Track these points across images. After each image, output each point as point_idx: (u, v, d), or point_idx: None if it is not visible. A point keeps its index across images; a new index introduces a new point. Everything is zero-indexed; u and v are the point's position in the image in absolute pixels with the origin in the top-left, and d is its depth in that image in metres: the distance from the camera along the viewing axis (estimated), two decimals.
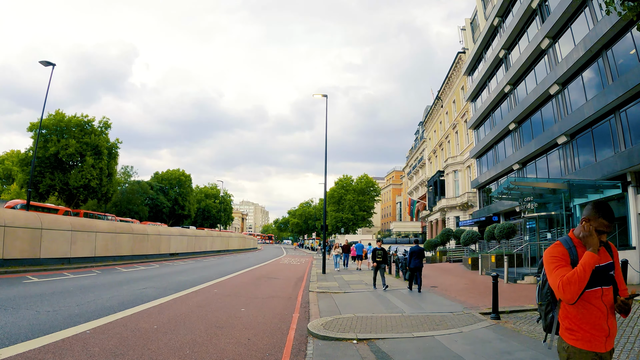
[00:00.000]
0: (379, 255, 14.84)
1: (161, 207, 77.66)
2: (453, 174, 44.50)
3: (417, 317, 8.98)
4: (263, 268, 24.22)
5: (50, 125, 50.94)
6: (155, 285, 13.17)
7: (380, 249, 15.18)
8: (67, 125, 51.73)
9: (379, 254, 14.89)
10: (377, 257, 14.76)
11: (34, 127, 50.64)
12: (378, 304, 10.92)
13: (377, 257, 14.78)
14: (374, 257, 14.86)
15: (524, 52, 26.84)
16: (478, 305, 10.71)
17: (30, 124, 51.12)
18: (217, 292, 12.53)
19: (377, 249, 15.14)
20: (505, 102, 31.44)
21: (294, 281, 17.35)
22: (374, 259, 14.85)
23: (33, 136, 50.60)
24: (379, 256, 14.82)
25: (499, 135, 31.82)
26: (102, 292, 11.24)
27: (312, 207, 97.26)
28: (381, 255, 14.91)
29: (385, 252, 15.43)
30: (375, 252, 15.02)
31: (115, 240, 21.12)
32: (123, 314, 8.44)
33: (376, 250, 15.11)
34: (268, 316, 9.07)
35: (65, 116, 52.23)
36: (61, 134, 51.51)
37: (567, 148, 22.91)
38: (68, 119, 52.09)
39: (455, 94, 46.42)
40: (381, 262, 14.74)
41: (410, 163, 76.82)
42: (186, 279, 15.55)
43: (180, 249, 29.61)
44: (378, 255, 14.85)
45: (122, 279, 14.60)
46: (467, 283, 16.18)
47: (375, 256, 14.84)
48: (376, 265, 14.73)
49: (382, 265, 14.73)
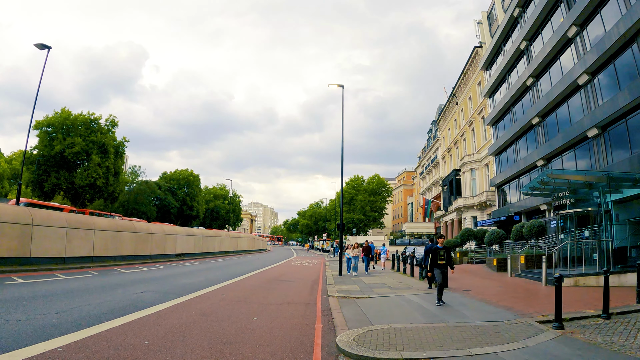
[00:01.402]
0: (442, 257, 10.58)
1: (169, 208, 76.62)
2: (470, 173, 42.76)
3: (465, 327, 7.40)
4: (274, 270, 22.74)
5: (56, 124, 50.11)
6: (156, 289, 11.70)
7: (443, 248, 10.73)
8: (74, 123, 50.86)
9: (441, 255, 10.58)
10: (440, 259, 10.53)
11: (39, 124, 49.78)
12: (412, 311, 9.34)
13: (440, 259, 10.53)
14: (435, 260, 10.52)
15: (548, 42, 25.23)
16: (529, 312, 9.13)
17: (36, 122, 50.21)
18: (224, 297, 11.03)
19: (438, 248, 10.66)
20: (527, 96, 29.78)
21: (309, 284, 15.81)
22: (433, 263, 10.56)
23: (38, 134, 49.78)
24: (442, 258, 10.58)
25: (520, 130, 30.19)
26: (92, 296, 9.78)
27: (322, 208, 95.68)
28: (444, 257, 10.64)
29: (449, 252, 10.95)
30: (435, 252, 10.59)
31: (116, 239, 19.71)
32: (110, 325, 6.95)
33: (437, 249, 10.62)
34: (286, 328, 7.54)
35: (71, 114, 51.37)
36: (67, 132, 50.63)
37: (598, 141, 21.30)
38: (74, 117, 51.23)
39: (472, 90, 44.73)
40: (445, 266, 10.70)
41: (423, 163, 75.00)
42: (191, 282, 14.08)
43: (187, 250, 28.18)
44: (440, 256, 10.56)
45: (119, 281, 13.15)
46: (501, 286, 14.54)
47: (437, 259, 10.54)
48: (440, 269, 10.57)
49: (445, 269, 10.71)
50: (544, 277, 14.89)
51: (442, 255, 10.61)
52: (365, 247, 22.62)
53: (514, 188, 32.59)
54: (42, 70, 18.63)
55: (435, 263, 10.57)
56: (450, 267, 10.86)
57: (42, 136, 49.62)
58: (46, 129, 49.86)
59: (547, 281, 14.78)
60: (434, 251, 10.61)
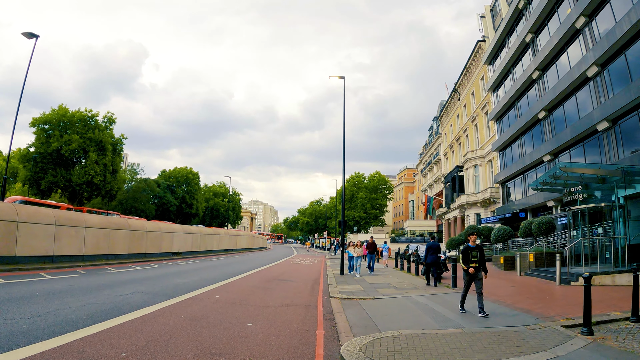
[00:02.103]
0: (474, 259, 8.65)
1: (168, 206, 75.86)
2: (473, 169, 41.92)
3: (484, 334, 6.61)
4: (273, 269, 21.96)
5: (53, 121, 49.42)
6: (145, 290, 10.92)
7: (475, 248, 8.78)
8: (71, 120, 50.20)
9: (473, 256, 8.66)
10: (472, 261, 8.61)
11: (36, 122, 49.12)
12: (422, 314, 8.54)
13: (472, 260, 8.63)
14: (467, 260, 8.67)
15: (555, 33, 24.43)
16: (550, 315, 8.36)
17: (33, 119, 49.63)
18: (218, 298, 10.25)
19: (470, 248, 8.76)
20: (533, 90, 29.00)
21: (309, 284, 15.02)
22: (466, 264, 8.68)
23: (35, 132, 49.12)
24: (474, 260, 8.64)
25: (525, 125, 29.43)
26: (74, 298, 9.01)
27: (322, 205, 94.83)
28: (477, 258, 8.68)
29: (483, 253, 8.88)
30: (467, 252, 8.71)
31: (109, 237, 18.95)
32: (86, 332, 6.19)
33: (469, 249, 8.74)
34: (284, 335, 6.75)
35: (68, 111, 50.72)
36: (64, 129, 49.95)
37: (609, 135, 20.56)
38: (71, 114, 50.58)
39: (475, 85, 43.90)
40: (478, 270, 8.66)
41: (424, 160, 74.17)
42: (185, 282, 13.31)
43: (184, 248, 27.42)
44: (473, 258, 8.64)
45: (108, 281, 12.38)
46: (513, 286, 13.74)
47: (469, 259, 8.64)
48: (473, 273, 8.60)
49: (478, 274, 8.67)
50: (557, 276, 14.11)
51: (474, 257, 8.65)
52: (370, 243, 20.64)
53: (519, 184, 31.83)
54: (30, 59, 17.87)
55: (467, 266, 8.67)
56: (483, 270, 8.75)
57: (39, 133, 49.01)
58: (43, 126, 49.22)
59: (561, 280, 14.00)
60: (466, 251, 8.74)
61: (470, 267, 8.61)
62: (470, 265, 8.61)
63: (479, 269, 8.70)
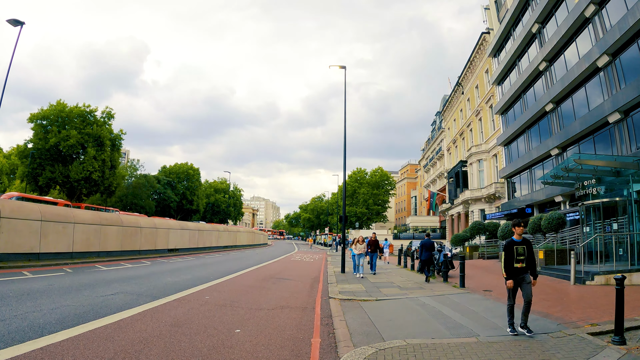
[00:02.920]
0: (521, 257, 6.60)
1: (169, 202, 75.22)
2: (477, 164, 41.06)
3: (502, 344, 5.79)
4: (272, 266, 21.18)
5: (51, 116, 48.73)
6: (130, 290, 10.14)
7: (522, 242, 6.68)
8: (69, 115, 49.53)
9: (519, 253, 6.61)
10: (518, 261, 6.58)
11: (34, 117, 48.49)
12: (430, 318, 7.72)
13: (518, 260, 6.58)
14: (511, 259, 6.60)
15: (563, 23, 23.54)
16: (572, 320, 7.54)
17: (31, 114, 49.02)
18: (208, 299, 9.45)
19: (515, 242, 6.69)
20: (540, 81, 28.11)
21: (308, 283, 14.20)
22: (509, 265, 6.61)
23: (33, 127, 48.51)
24: (521, 259, 6.59)
25: (532, 118, 28.57)
26: (49, 299, 8.23)
27: (324, 201, 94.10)
28: (525, 256, 6.63)
29: (531, 247, 6.77)
30: (512, 249, 6.63)
31: (100, 234, 18.17)
32: (48, 341, 5.41)
33: (513, 244, 6.67)
34: (274, 344, 5.94)
35: (66, 106, 49.98)
36: (62, 124, 49.26)
37: (620, 127, 19.71)
38: (69, 109, 49.86)
39: (479, 78, 43.01)
40: (525, 271, 6.66)
41: (427, 155, 73.28)
42: (175, 281, 12.53)
43: (181, 245, 26.65)
44: (519, 256, 6.60)
45: (92, 280, 11.59)
46: None
47: (514, 258, 6.59)
48: (519, 277, 6.66)
49: (526, 277, 6.68)
50: (572, 275, 13.27)
51: (521, 255, 6.56)
52: (372, 240, 18.53)
53: (525, 179, 30.98)
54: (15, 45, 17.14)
55: (511, 267, 6.58)
56: (532, 274, 6.69)
57: (37, 129, 48.42)
58: (41, 121, 48.58)
59: (576, 279, 13.17)
60: (510, 247, 6.64)
61: (515, 269, 6.58)
62: (515, 267, 6.56)
63: (526, 270, 6.63)
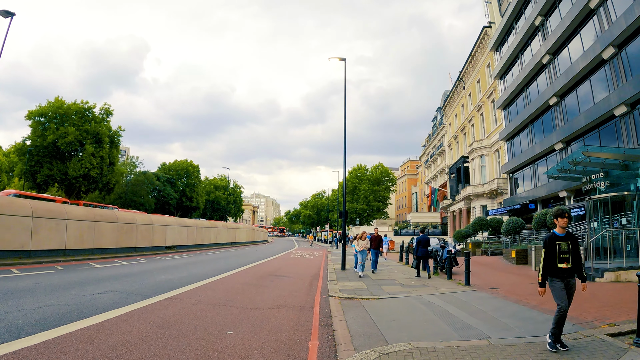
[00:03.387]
0: (565, 256, 5.35)
1: (168, 199, 74.68)
2: (479, 159, 40.54)
3: (516, 347, 5.32)
4: (271, 263, 20.72)
5: (49, 113, 48.26)
6: (121, 289, 9.68)
7: (566, 237, 5.41)
8: (67, 112, 49.04)
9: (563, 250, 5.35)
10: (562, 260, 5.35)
11: (32, 114, 48.06)
12: (436, 318, 7.24)
13: (561, 259, 5.34)
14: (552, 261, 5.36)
15: (567, 15, 23.04)
16: (587, 319, 7.06)
17: (29, 111, 48.59)
18: (201, 298, 9.00)
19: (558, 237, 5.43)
20: (543, 75, 27.60)
21: (307, 280, 13.72)
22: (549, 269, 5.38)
23: (31, 124, 48.08)
24: (565, 257, 5.34)
25: (535, 112, 28.11)
26: (33, 299, 7.78)
27: (324, 198, 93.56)
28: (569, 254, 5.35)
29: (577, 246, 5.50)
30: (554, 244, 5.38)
31: (94, 230, 17.72)
32: (24, 343, 4.99)
33: (556, 239, 5.41)
34: (268, 347, 5.48)
35: (64, 103, 49.52)
36: (60, 121, 48.79)
37: (627, 120, 19.26)
38: (67, 106, 49.40)
39: (480, 72, 42.46)
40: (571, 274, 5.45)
41: (428, 151, 72.73)
42: (169, 278, 12.07)
43: (179, 242, 26.20)
44: (563, 254, 5.35)
45: (82, 278, 11.13)
46: (533, 283, 12.41)
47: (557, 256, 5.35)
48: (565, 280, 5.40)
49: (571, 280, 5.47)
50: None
51: (565, 253, 5.30)
52: (375, 236, 16.99)
53: (529, 174, 30.51)
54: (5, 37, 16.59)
55: (554, 268, 5.32)
56: (580, 276, 5.50)
57: (34, 126, 47.97)
58: (39, 118, 48.14)
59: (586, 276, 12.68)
60: (551, 243, 5.36)
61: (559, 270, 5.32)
62: (559, 267, 5.28)
63: (573, 272, 5.38)
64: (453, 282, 12.34)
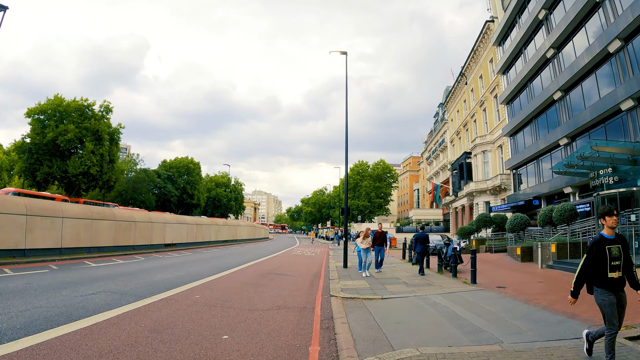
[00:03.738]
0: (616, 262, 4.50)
1: (169, 196, 74.39)
2: (482, 155, 40.10)
3: (531, 352, 4.95)
4: (271, 261, 20.37)
5: (48, 110, 47.98)
6: (114, 289, 9.33)
7: (615, 240, 4.56)
8: (66, 109, 48.80)
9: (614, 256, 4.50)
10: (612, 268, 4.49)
11: (31, 112, 47.80)
12: (444, 321, 6.86)
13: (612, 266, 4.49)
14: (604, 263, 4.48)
15: (572, 8, 22.58)
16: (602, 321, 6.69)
17: (28, 109, 48.36)
18: (198, 299, 8.65)
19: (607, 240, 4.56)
20: (547, 70, 27.12)
21: (309, 279, 13.37)
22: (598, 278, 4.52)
23: (30, 122, 47.87)
24: (616, 264, 4.49)
25: (539, 107, 27.67)
26: (21, 300, 7.44)
27: (326, 195, 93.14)
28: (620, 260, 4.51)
29: (627, 248, 4.63)
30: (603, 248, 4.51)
31: (91, 228, 17.38)
32: (4, 351, 4.65)
33: (605, 242, 4.54)
34: (266, 353, 5.09)
35: (64, 101, 49.24)
36: (60, 119, 48.58)
37: (634, 115, 18.76)
38: (67, 103, 49.15)
39: (483, 67, 41.97)
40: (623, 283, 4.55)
41: (430, 147, 72.25)
42: (166, 278, 11.73)
43: (179, 239, 25.87)
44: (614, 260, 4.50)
45: (76, 278, 10.79)
46: (541, 281, 12.03)
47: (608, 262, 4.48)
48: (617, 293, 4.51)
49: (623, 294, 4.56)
50: None
51: (616, 259, 4.49)
52: (379, 233, 15.63)
53: (532, 170, 30.08)
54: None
55: (604, 278, 4.48)
56: (633, 285, 4.55)
57: (34, 124, 47.82)
58: (39, 116, 47.92)
59: None
60: (600, 248, 4.52)
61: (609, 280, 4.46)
62: (610, 277, 4.44)
63: (624, 282, 4.53)
64: (459, 281, 11.96)
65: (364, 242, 14.46)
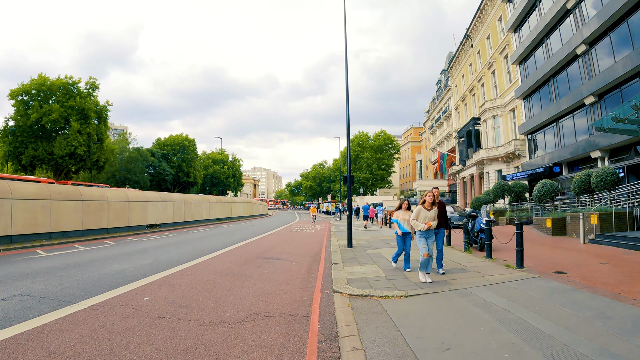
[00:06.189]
0: None
1: (164, 175, 71.87)
2: (492, 120, 37.26)
3: None
4: (264, 240, 17.82)
5: (32, 91, 45.28)
6: (38, 290, 6.77)
7: None
8: (50, 89, 46.19)
9: None
10: None
11: (14, 93, 45.14)
12: (513, 338, 4.20)
13: None
14: None
15: None
16: None
17: (11, 90, 45.71)
18: (145, 303, 6.08)
19: None
20: (568, 21, 24.21)
21: (306, 264, 10.74)
22: None
23: (14, 104, 45.35)
24: None
25: (559, 64, 24.90)
26: None
27: (326, 168, 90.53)
28: None
29: None
30: None
31: (51, 211, 14.80)
32: None
33: None
34: None
35: (48, 79, 46.44)
36: (45, 99, 45.93)
37: None
38: (51, 82, 46.51)
39: (490, 27, 38.75)
40: None
41: (433, 116, 69.09)
42: (123, 269, 9.18)
43: (163, 219, 23.31)
44: None
45: (2, 274, 8.27)
46: (604, 262, 9.34)
47: None
48: None
49: None
50: None
51: None
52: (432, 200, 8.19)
53: (551, 134, 27.38)
54: None
55: None
56: None
57: (17, 105, 45.32)
58: (22, 97, 45.22)
59: None
60: None
61: None
62: None
63: None
64: (498, 264, 9.24)
65: (420, 216, 7.90)
